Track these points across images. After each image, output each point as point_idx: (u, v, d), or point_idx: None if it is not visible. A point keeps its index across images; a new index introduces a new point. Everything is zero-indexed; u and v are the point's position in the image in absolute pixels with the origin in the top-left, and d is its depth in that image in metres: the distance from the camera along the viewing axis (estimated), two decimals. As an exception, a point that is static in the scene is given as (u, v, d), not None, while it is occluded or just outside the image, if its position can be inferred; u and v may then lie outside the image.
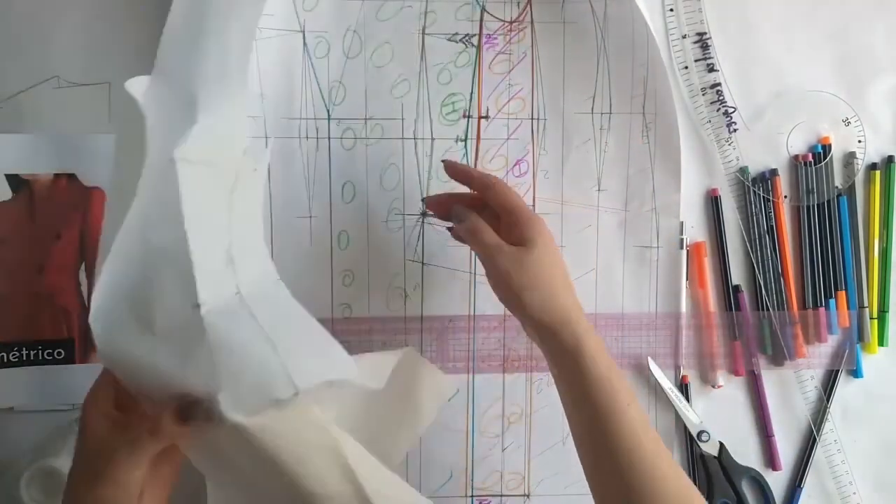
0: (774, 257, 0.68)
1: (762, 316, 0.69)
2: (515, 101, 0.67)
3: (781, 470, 0.69)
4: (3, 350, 0.64)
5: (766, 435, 0.69)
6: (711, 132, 0.69)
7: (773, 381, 0.69)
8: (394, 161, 0.66)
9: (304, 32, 0.65)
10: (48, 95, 0.65)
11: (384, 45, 0.66)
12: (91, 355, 0.65)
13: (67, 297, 0.65)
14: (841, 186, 0.69)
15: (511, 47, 0.67)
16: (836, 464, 0.69)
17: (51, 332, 0.65)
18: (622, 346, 0.68)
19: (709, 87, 0.69)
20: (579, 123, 0.67)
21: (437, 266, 0.67)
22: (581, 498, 0.67)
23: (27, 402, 0.65)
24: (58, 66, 0.65)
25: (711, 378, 0.69)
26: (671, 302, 0.68)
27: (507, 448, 0.68)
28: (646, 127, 0.67)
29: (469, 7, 0.66)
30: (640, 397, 0.68)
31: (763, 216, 0.69)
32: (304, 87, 0.65)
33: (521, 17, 0.67)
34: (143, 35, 0.65)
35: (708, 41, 0.68)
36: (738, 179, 0.69)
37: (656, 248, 0.68)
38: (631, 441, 0.51)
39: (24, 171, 0.65)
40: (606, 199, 0.68)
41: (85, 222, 0.65)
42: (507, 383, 0.68)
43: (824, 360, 0.69)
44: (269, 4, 0.63)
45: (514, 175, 0.68)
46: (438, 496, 0.67)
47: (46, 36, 0.65)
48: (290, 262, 0.65)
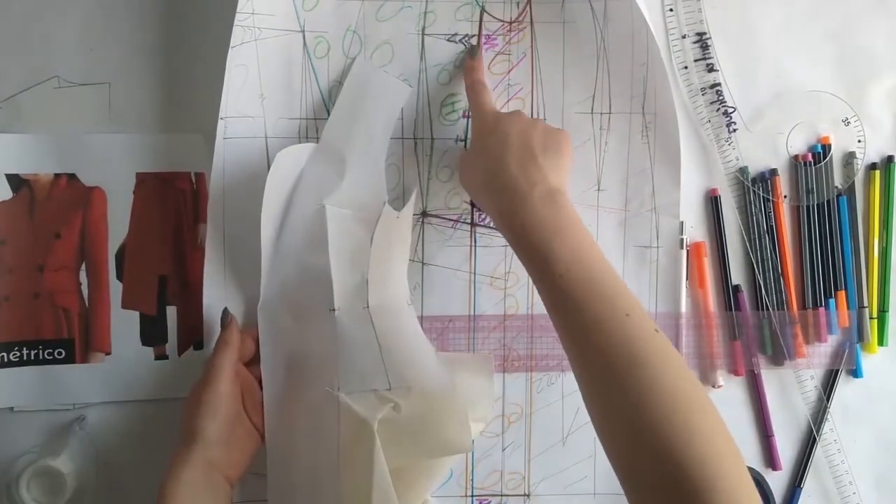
0: (774, 257, 0.69)
1: (762, 316, 0.69)
2: (515, 101, 0.67)
3: (781, 470, 0.69)
4: (4, 350, 0.64)
5: (766, 435, 0.69)
6: (711, 132, 0.69)
7: (772, 381, 0.69)
8: (393, 161, 0.66)
9: (304, 32, 0.65)
10: (48, 95, 0.65)
11: (384, 45, 0.66)
12: (91, 355, 0.65)
13: (67, 297, 0.65)
14: (841, 186, 0.69)
15: (511, 47, 0.67)
16: (835, 464, 0.69)
17: (51, 332, 0.65)
18: (622, 346, 0.68)
19: (709, 87, 0.69)
20: (579, 123, 0.67)
21: (437, 266, 0.67)
22: (581, 498, 0.68)
23: (27, 402, 0.65)
24: (58, 66, 0.65)
25: (711, 378, 0.69)
26: (671, 302, 0.68)
27: (507, 448, 0.68)
28: (645, 127, 0.67)
29: (469, 7, 0.66)
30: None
31: (763, 216, 0.69)
32: (304, 87, 0.65)
33: (521, 17, 0.67)
34: (143, 35, 0.66)
35: (708, 41, 0.68)
36: (738, 179, 0.69)
37: (656, 248, 0.68)
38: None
39: (24, 171, 0.65)
40: (606, 198, 0.68)
41: (85, 222, 0.65)
42: (507, 383, 0.68)
43: (824, 360, 0.69)
44: (270, 4, 0.64)
45: (514, 175, 0.68)
46: (438, 496, 0.67)
47: (46, 36, 0.65)
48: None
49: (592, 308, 0.50)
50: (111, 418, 0.65)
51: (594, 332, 0.49)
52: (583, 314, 0.50)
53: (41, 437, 0.65)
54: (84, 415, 0.65)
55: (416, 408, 0.57)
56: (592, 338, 0.49)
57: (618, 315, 0.49)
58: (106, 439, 0.65)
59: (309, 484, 0.60)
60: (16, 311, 0.64)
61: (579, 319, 0.50)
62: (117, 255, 0.65)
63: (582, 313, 0.50)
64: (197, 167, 0.65)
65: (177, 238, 0.66)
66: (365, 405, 0.56)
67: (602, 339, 0.49)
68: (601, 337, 0.49)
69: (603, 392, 0.49)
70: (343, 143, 0.63)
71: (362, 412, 0.56)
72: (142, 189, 0.65)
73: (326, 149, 0.63)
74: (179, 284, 0.66)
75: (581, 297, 0.50)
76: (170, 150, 0.65)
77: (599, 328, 0.49)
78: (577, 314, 0.50)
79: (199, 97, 0.65)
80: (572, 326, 0.51)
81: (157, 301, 0.65)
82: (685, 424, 0.45)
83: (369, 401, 0.57)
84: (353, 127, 0.63)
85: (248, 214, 0.61)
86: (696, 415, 0.46)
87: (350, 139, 0.63)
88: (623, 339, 0.48)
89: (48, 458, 0.62)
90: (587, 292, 0.50)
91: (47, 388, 0.65)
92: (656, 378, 0.46)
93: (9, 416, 0.65)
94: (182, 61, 0.66)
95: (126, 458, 0.65)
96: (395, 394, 0.57)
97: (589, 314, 0.50)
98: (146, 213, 0.65)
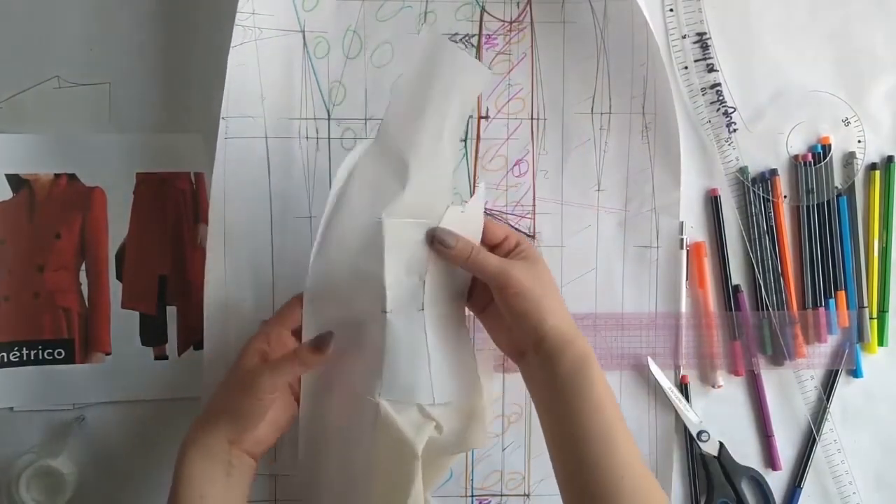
0: (774, 257, 0.69)
1: (762, 316, 0.69)
2: (515, 101, 0.67)
3: (781, 470, 0.69)
4: (3, 350, 0.64)
5: (766, 435, 0.69)
6: (711, 132, 0.69)
7: (772, 381, 0.69)
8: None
9: (304, 32, 0.65)
10: (48, 95, 0.65)
11: (384, 45, 0.66)
12: (91, 355, 0.65)
13: (67, 297, 0.65)
14: (841, 186, 0.69)
15: (511, 47, 0.67)
16: (835, 464, 0.69)
17: (51, 332, 0.65)
18: (622, 346, 0.68)
19: (709, 87, 0.69)
20: (579, 123, 0.67)
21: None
22: (581, 498, 0.68)
23: (27, 402, 0.65)
24: (58, 66, 0.65)
25: (711, 378, 0.69)
26: (671, 302, 0.68)
27: (507, 448, 0.68)
28: (646, 127, 0.67)
29: (469, 7, 0.66)
30: (640, 397, 0.68)
31: (763, 216, 0.69)
32: (304, 87, 0.65)
33: (521, 17, 0.67)
34: (143, 35, 0.66)
35: (708, 41, 0.68)
36: (738, 179, 0.69)
37: (656, 248, 0.68)
38: (630, 457, 0.52)
39: (24, 171, 0.65)
40: (606, 198, 0.68)
41: (85, 222, 0.65)
42: (507, 383, 0.68)
43: (824, 360, 0.69)
44: (270, 4, 0.64)
45: (514, 175, 0.68)
46: (438, 496, 0.67)
47: (46, 36, 0.65)
48: (289, 262, 0.65)
49: None
50: (111, 418, 0.65)
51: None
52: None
53: (41, 437, 0.65)
54: (84, 415, 0.65)
55: (453, 423, 0.57)
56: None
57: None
58: (106, 439, 0.65)
59: (340, 478, 0.58)
60: (16, 311, 0.64)
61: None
62: (117, 255, 0.65)
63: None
64: (197, 167, 0.65)
65: (177, 238, 0.66)
66: (408, 420, 0.54)
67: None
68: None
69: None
70: (406, 144, 0.55)
71: (406, 431, 0.54)
72: (142, 189, 0.65)
73: (385, 150, 0.56)
74: (179, 284, 0.66)
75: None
76: (170, 150, 0.65)
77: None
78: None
79: (199, 97, 0.65)
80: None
81: (157, 301, 0.65)
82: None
83: (412, 415, 0.55)
84: (419, 122, 0.55)
85: (249, 214, 0.61)
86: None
87: (415, 139, 0.55)
88: None
89: (48, 458, 0.62)
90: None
91: (47, 388, 0.65)
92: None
93: (9, 416, 0.65)
94: (182, 61, 0.66)
95: (126, 458, 0.65)
96: (437, 411, 0.55)
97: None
98: (146, 213, 0.65)
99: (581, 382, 0.53)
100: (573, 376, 0.53)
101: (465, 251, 0.55)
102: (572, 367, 0.53)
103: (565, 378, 0.54)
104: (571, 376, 0.53)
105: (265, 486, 0.65)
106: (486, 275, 0.55)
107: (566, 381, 0.54)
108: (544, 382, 0.55)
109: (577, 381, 0.53)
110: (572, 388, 0.53)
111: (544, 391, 0.55)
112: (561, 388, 0.54)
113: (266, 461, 0.63)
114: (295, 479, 0.61)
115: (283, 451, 0.65)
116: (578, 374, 0.53)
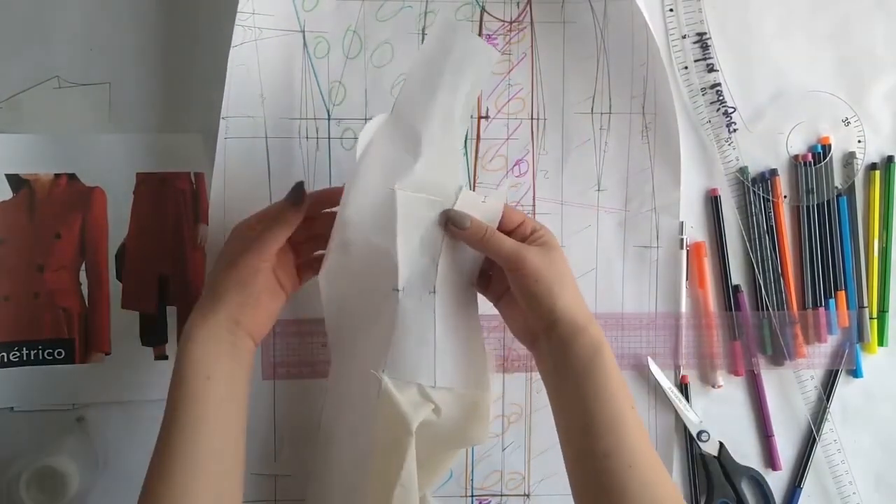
0: (774, 257, 0.69)
1: (762, 316, 0.69)
2: (515, 101, 0.67)
3: (781, 470, 0.69)
4: (3, 350, 0.64)
5: (766, 435, 0.69)
6: (711, 132, 0.69)
7: (772, 381, 0.69)
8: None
9: (304, 32, 0.65)
10: (48, 95, 0.65)
11: (384, 45, 0.66)
12: (91, 355, 0.65)
13: (67, 297, 0.65)
14: (841, 186, 0.69)
15: (511, 47, 0.67)
16: (835, 464, 0.69)
17: (51, 332, 0.65)
18: (622, 346, 0.68)
19: (709, 88, 0.69)
20: (579, 123, 0.67)
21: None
22: (581, 498, 0.68)
23: (27, 402, 0.65)
24: (58, 66, 0.65)
25: (711, 378, 0.69)
26: (671, 302, 0.68)
27: (507, 448, 0.68)
28: (645, 127, 0.67)
29: (469, 7, 0.66)
30: (640, 397, 0.68)
31: (763, 216, 0.69)
32: (304, 87, 0.65)
33: (521, 17, 0.67)
34: (143, 35, 0.66)
35: (708, 41, 0.68)
36: (738, 179, 0.69)
37: (656, 248, 0.68)
38: (641, 445, 0.52)
39: (24, 171, 0.65)
40: (606, 198, 0.68)
41: (85, 222, 0.65)
42: (507, 383, 0.68)
43: (824, 360, 0.69)
44: (270, 4, 0.64)
45: (514, 175, 0.68)
46: (438, 496, 0.67)
47: (46, 36, 0.65)
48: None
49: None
50: (111, 418, 0.65)
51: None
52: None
53: (41, 437, 0.65)
54: (84, 415, 0.65)
55: (453, 411, 0.57)
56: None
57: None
58: (106, 439, 0.65)
59: (350, 449, 0.59)
60: (16, 311, 0.64)
61: None
62: (117, 255, 0.65)
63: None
64: (197, 167, 0.65)
65: (177, 238, 0.66)
66: (407, 397, 0.56)
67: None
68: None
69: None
70: (419, 121, 0.57)
71: (403, 406, 0.55)
72: (142, 189, 0.65)
73: (400, 125, 0.57)
74: (179, 284, 0.66)
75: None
76: (170, 150, 0.65)
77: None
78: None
79: (199, 97, 0.65)
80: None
81: (157, 301, 0.65)
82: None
83: (411, 394, 0.56)
84: (432, 101, 0.57)
85: (249, 214, 0.61)
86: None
87: (427, 115, 0.57)
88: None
89: (48, 458, 0.62)
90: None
91: (47, 388, 0.65)
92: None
93: (9, 416, 0.65)
94: (182, 61, 0.66)
95: (126, 458, 0.65)
96: (437, 394, 0.56)
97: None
98: (146, 213, 0.65)
99: (593, 369, 0.53)
100: (585, 363, 0.53)
101: (480, 231, 0.56)
102: (584, 353, 0.53)
103: (577, 364, 0.53)
104: (584, 363, 0.53)
105: (265, 486, 0.65)
106: (501, 256, 0.55)
107: (578, 368, 0.53)
108: (556, 368, 0.55)
109: (589, 368, 0.53)
110: (584, 374, 0.53)
111: (556, 377, 0.55)
112: (573, 375, 0.54)
113: (266, 461, 0.63)
114: (314, 450, 0.62)
115: (283, 451, 0.65)
116: (591, 361, 0.53)
